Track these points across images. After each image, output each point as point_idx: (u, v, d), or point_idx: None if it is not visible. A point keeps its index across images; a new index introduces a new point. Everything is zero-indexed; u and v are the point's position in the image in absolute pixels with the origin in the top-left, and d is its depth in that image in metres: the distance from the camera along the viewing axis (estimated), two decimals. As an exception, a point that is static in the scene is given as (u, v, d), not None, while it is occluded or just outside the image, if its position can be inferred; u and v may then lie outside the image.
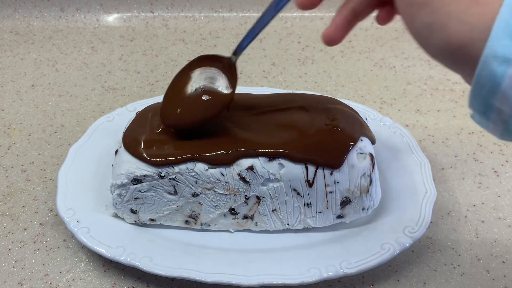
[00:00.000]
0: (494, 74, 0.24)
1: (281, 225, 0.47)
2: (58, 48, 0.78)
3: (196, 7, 0.85)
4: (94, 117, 0.64)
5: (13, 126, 0.63)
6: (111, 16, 0.85)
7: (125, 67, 0.74)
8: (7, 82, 0.71)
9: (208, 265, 0.43)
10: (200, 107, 0.44)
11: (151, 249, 0.44)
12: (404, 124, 0.62)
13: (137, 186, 0.45)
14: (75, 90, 0.69)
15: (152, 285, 0.45)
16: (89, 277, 0.46)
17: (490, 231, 0.50)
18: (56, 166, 0.57)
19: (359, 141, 0.45)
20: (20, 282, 0.45)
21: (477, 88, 0.26)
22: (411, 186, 0.49)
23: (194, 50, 0.78)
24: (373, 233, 0.46)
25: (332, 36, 0.34)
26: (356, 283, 0.45)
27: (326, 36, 0.34)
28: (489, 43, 0.24)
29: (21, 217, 0.51)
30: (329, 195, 0.44)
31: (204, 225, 0.47)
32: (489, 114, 0.27)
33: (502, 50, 0.24)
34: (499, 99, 0.25)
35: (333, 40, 0.34)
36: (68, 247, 0.48)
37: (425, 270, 0.46)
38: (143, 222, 0.47)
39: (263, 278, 0.42)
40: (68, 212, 0.46)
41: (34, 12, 0.84)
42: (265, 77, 0.72)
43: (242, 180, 0.44)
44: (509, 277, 0.46)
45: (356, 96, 0.68)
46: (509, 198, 0.53)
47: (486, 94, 0.26)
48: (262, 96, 0.50)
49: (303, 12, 0.85)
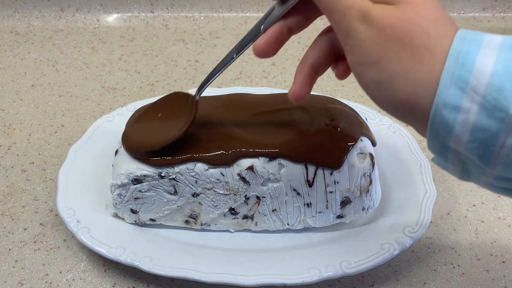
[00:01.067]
0: (446, 120, 0.26)
1: (281, 225, 0.47)
2: (58, 48, 0.78)
3: (196, 7, 0.85)
4: (94, 117, 0.64)
5: (13, 126, 0.63)
6: (111, 16, 0.85)
7: (125, 67, 0.74)
8: (7, 82, 0.71)
9: (208, 265, 0.43)
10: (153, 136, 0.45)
11: (151, 249, 0.44)
12: (404, 124, 0.62)
13: (137, 186, 0.45)
14: (75, 90, 0.69)
15: (152, 285, 0.45)
16: (89, 277, 0.46)
17: (490, 231, 0.50)
18: (56, 166, 0.57)
19: (359, 141, 0.45)
20: (20, 282, 0.45)
21: (433, 132, 0.28)
22: (411, 186, 0.49)
23: (194, 50, 0.78)
24: (373, 233, 0.46)
25: (299, 93, 0.35)
26: (356, 283, 0.45)
27: (293, 95, 0.35)
28: (439, 92, 0.26)
29: (21, 217, 0.51)
30: (329, 195, 0.44)
31: (204, 225, 0.47)
32: (447, 155, 0.29)
33: (451, 99, 0.26)
34: (453, 141, 0.27)
35: (301, 98, 0.35)
36: (68, 247, 0.48)
37: (425, 270, 0.46)
38: (143, 222, 0.47)
39: (263, 278, 0.42)
40: (68, 212, 0.46)
41: (34, 12, 0.84)
42: (265, 77, 0.72)
43: (242, 180, 0.44)
44: (509, 277, 0.46)
45: (356, 96, 0.68)
46: (509, 198, 0.53)
47: (442, 138, 0.27)
48: (262, 96, 0.50)
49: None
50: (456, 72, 0.26)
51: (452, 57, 0.26)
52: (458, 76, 0.26)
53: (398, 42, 0.27)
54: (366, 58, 0.29)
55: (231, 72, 0.73)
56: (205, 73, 0.73)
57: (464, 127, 0.26)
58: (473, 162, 0.27)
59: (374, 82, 0.29)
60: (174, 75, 0.72)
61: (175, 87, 0.70)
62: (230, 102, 0.49)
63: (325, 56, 0.34)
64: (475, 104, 0.25)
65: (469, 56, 0.26)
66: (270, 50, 0.35)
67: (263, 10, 0.84)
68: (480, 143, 0.26)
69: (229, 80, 0.71)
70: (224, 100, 0.50)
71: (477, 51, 0.26)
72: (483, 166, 0.27)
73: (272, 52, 0.35)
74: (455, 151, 0.28)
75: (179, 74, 0.73)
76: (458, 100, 0.26)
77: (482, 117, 0.25)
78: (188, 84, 0.70)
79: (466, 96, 0.25)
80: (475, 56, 0.26)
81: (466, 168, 0.29)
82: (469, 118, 0.26)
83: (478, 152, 0.26)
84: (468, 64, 0.26)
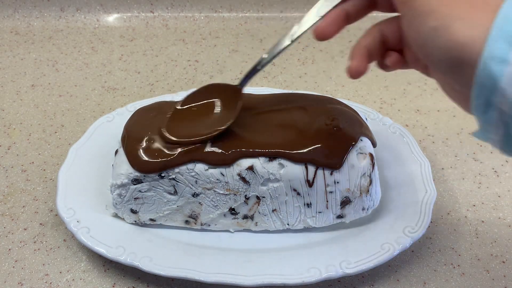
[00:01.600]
0: (493, 73, 0.27)
1: (281, 225, 0.47)
2: (58, 48, 0.78)
3: (196, 7, 0.85)
4: (94, 117, 0.64)
5: (13, 126, 0.63)
6: (111, 16, 0.85)
7: (125, 67, 0.74)
8: (7, 82, 0.71)
9: (208, 265, 0.43)
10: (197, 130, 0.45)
11: (151, 249, 0.44)
12: (404, 124, 0.62)
13: (137, 186, 0.45)
14: (75, 90, 0.69)
15: (152, 285, 0.45)
16: (89, 277, 0.46)
17: (490, 231, 0.50)
18: (56, 166, 0.57)
19: (359, 141, 0.45)
20: (20, 282, 0.45)
21: (479, 87, 0.28)
22: (411, 186, 0.49)
23: (194, 50, 0.78)
24: (373, 233, 0.46)
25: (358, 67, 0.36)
26: (356, 283, 0.45)
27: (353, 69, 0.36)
28: (487, 45, 0.27)
29: (21, 217, 0.51)
30: (329, 195, 0.44)
31: (204, 225, 0.47)
32: (491, 114, 0.29)
33: (499, 52, 0.27)
34: (498, 97, 0.28)
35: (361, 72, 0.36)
36: (68, 247, 0.48)
37: (425, 270, 0.46)
38: (143, 222, 0.47)
39: (263, 278, 0.42)
40: (68, 212, 0.46)
41: (34, 12, 0.84)
42: (265, 77, 0.72)
43: (242, 180, 0.44)
44: (509, 277, 0.46)
45: (356, 96, 0.68)
46: (509, 198, 0.53)
47: (487, 93, 0.28)
48: (262, 96, 0.50)
49: (303, 12, 0.85)
50: (505, 27, 0.27)
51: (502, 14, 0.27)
52: (506, 31, 0.27)
53: None
54: (424, 8, 0.30)
55: (231, 72, 0.73)
56: (205, 73, 0.73)
57: (510, 79, 0.27)
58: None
59: (431, 29, 0.30)
60: (174, 75, 0.72)
61: (175, 87, 0.70)
62: None
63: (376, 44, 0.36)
64: None
65: None
66: (329, 32, 0.37)
67: (263, 10, 0.84)
68: None
69: (229, 80, 0.71)
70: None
71: None
72: None
73: (330, 34, 0.37)
74: (500, 110, 0.28)
75: (179, 74, 0.73)
76: (505, 53, 0.27)
77: None
78: (188, 84, 0.70)
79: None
80: None
81: (509, 133, 0.29)
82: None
83: None
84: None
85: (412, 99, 0.67)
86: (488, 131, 0.30)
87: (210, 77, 0.72)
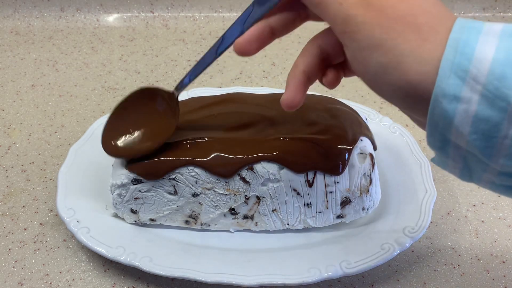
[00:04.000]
0: (446, 111, 0.26)
1: (281, 225, 0.47)
2: (58, 48, 0.78)
3: (196, 7, 0.85)
4: (94, 117, 0.64)
5: (13, 126, 0.63)
6: (111, 16, 0.85)
7: (125, 67, 0.74)
8: (7, 82, 0.71)
9: (208, 265, 0.43)
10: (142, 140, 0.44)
11: (151, 249, 0.44)
12: (404, 124, 0.62)
13: (137, 186, 0.45)
14: (75, 90, 0.69)
15: (152, 285, 0.45)
16: (89, 277, 0.46)
17: (490, 231, 0.50)
18: (56, 166, 0.57)
19: (359, 141, 0.45)
20: (20, 282, 0.45)
21: (433, 125, 0.27)
22: (411, 186, 0.49)
23: (194, 50, 0.78)
24: (373, 233, 0.46)
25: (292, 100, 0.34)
26: (356, 283, 0.45)
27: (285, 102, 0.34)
28: (438, 82, 0.25)
29: (21, 217, 0.51)
30: (329, 195, 0.44)
31: (204, 225, 0.47)
32: (448, 149, 0.28)
33: (451, 89, 0.25)
34: (453, 134, 0.26)
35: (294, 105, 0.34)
36: (68, 247, 0.48)
37: (425, 270, 0.46)
38: (143, 222, 0.47)
39: (263, 278, 0.42)
40: (68, 212, 0.46)
41: (34, 12, 0.84)
42: (265, 77, 0.72)
43: (242, 180, 0.44)
44: (509, 277, 0.46)
45: (356, 96, 0.68)
46: (509, 198, 0.53)
47: (442, 130, 0.27)
48: (261, 96, 0.50)
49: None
50: (456, 60, 0.25)
51: (450, 45, 0.25)
52: (457, 65, 0.25)
53: (401, 22, 0.27)
54: (368, 41, 0.28)
55: (231, 72, 0.73)
56: (205, 73, 0.73)
57: (465, 118, 0.25)
58: (475, 157, 0.27)
59: (380, 66, 0.28)
60: (174, 75, 0.72)
61: (175, 87, 0.70)
62: (229, 101, 0.49)
63: (316, 62, 0.33)
64: (475, 93, 0.25)
65: (468, 44, 0.25)
66: (250, 49, 0.34)
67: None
68: (482, 134, 0.25)
69: (229, 80, 0.71)
70: (224, 99, 0.50)
71: (476, 39, 0.25)
72: (486, 160, 0.26)
73: (252, 51, 0.34)
74: (456, 146, 0.27)
75: (179, 74, 0.73)
76: (458, 89, 0.25)
77: (484, 107, 0.24)
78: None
79: (466, 85, 0.25)
80: (474, 44, 0.25)
81: (467, 165, 0.28)
82: (470, 108, 0.25)
83: (480, 144, 0.25)
84: (467, 53, 0.25)
85: (412, 99, 0.67)
86: (446, 163, 0.29)
87: (210, 77, 0.72)
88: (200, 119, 0.47)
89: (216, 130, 0.45)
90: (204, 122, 0.46)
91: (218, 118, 0.47)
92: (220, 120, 0.47)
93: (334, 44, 0.32)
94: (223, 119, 0.47)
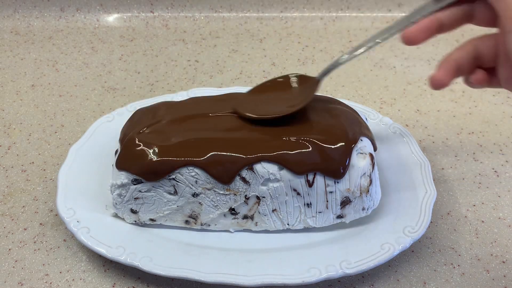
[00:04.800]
0: None
1: (281, 225, 0.47)
2: (58, 48, 0.78)
3: (196, 7, 0.85)
4: (94, 117, 0.64)
5: (13, 126, 0.63)
6: (111, 16, 0.85)
7: (125, 67, 0.74)
8: (7, 82, 0.71)
9: (208, 265, 0.43)
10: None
11: (151, 249, 0.44)
12: (404, 124, 0.62)
13: (137, 186, 0.45)
14: (75, 90, 0.69)
15: (152, 285, 0.45)
16: (89, 277, 0.46)
17: (490, 231, 0.50)
18: (56, 166, 0.57)
19: (359, 141, 0.45)
20: (20, 282, 0.45)
21: None
22: (411, 186, 0.49)
23: (194, 50, 0.78)
24: (373, 233, 0.46)
25: (440, 79, 0.36)
26: (356, 283, 0.45)
27: (434, 79, 0.37)
28: None
29: (21, 217, 0.51)
30: (329, 195, 0.44)
31: (204, 225, 0.47)
32: None
33: None
34: None
35: (440, 84, 0.37)
36: (68, 247, 0.48)
37: (425, 270, 0.46)
38: (143, 222, 0.47)
39: (263, 278, 0.42)
40: (68, 212, 0.46)
41: (34, 12, 0.84)
42: (265, 77, 0.72)
43: (242, 180, 0.44)
44: (509, 277, 0.46)
45: (356, 96, 0.68)
46: (509, 198, 0.53)
47: None
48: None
49: (303, 12, 0.85)
50: None
51: None
52: None
53: None
54: None
55: (231, 72, 0.73)
56: (205, 73, 0.73)
57: None
58: None
59: None
60: (174, 75, 0.72)
61: (175, 87, 0.70)
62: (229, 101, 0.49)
63: (468, 58, 0.36)
64: None
65: None
66: (418, 37, 0.37)
67: (263, 10, 0.84)
68: None
69: (229, 80, 0.71)
70: (224, 99, 0.50)
71: None
72: None
73: (419, 40, 0.37)
74: None
75: (179, 74, 0.73)
76: None
77: None
78: (188, 84, 0.70)
79: None
80: None
81: None
82: None
83: None
84: None
85: (412, 99, 0.67)
86: None
87: (210, 77, 0.72)
88: (200, 119, 0.47)
89: (216, 130, 0.45)
90: (204, 122, 0.46)
91: (218, 118, 0.47)
92: (220, 120, 0.47)
93: (490, 47, 0.36)
94: (223, 119, 0.47)
